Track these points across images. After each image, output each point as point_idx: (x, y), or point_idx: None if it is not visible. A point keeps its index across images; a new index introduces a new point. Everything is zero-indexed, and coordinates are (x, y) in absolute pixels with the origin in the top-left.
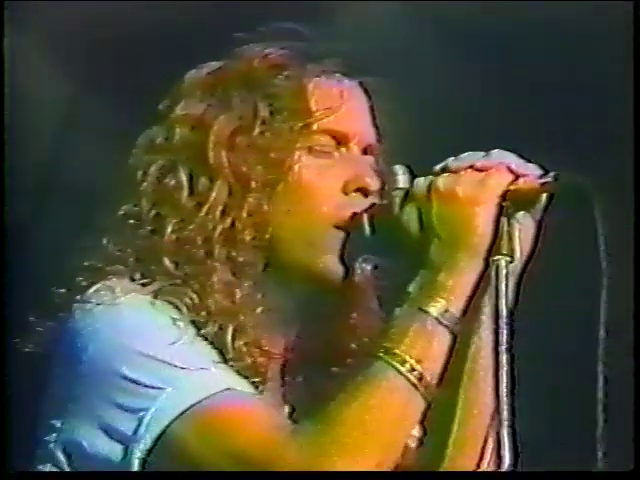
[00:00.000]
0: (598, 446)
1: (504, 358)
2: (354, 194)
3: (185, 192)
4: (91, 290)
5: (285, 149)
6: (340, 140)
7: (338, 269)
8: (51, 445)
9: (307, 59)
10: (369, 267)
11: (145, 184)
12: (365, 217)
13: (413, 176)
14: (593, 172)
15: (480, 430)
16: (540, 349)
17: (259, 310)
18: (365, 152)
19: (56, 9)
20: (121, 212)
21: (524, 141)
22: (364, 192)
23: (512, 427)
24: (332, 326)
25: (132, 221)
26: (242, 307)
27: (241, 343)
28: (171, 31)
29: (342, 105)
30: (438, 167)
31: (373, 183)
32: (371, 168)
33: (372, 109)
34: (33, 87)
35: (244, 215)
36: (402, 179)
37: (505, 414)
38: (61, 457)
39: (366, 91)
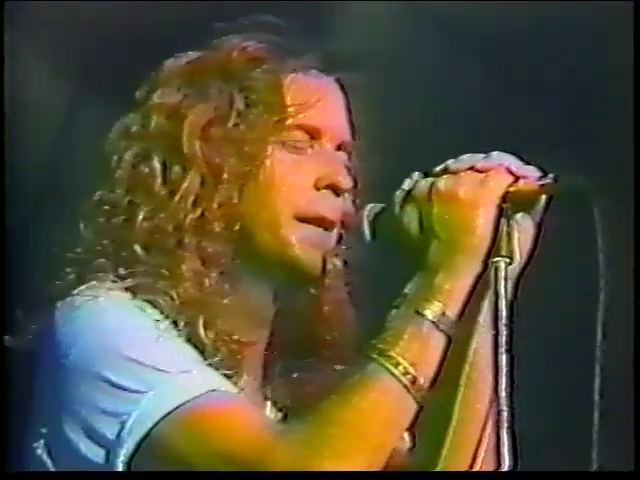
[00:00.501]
0: (598, 446)
1: (503, 359)
2: (325, 191)
3: (158, 180)
4: (74, 292)
5: (258, 142)
6: (313, 135)
7: (311, 259)
8: (38, 450)
9: (286, 54)
10: (339, 262)
11: (120, 171)
12: (366, 222)
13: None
14: (593, 173)
15: (475, 432)
16: (539, 350)
17: (227, 300)
18: (339, 148)
19: (56, 9)
20: (96, 197)
21: (524, 141)
22: (335, 190)
23: (512, 428)
24: (305, 318)
25: (107, 207)
26: (211, 296)
27: (213, 334)
28: (173, 31)
29: (317, 101)
30: (438, 169)
31: (345, 181)
32: (344, 166)
33: (349, 106)
34: (33, 87)
35: (215, 206)
36: (408, 182)
37: (505, 415)
38: (47, 460)
39: (343, 88)
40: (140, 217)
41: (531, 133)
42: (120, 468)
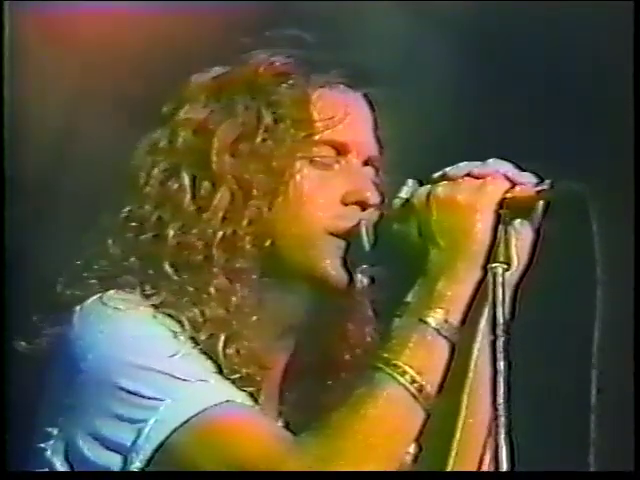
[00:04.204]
0: (597, 447)
1: (501, 365)
2: (353, 206)
3: (187, 196)
4: (93, 298)
5: (286, 158)
6: (340, 151)
7: (340, 274)
8: (47, 452)
9: (312, 69)
10: (366, 279)
11: (148, 187)
12: (364, 230)
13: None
14: (592, 177)
15: (480, 438)
16: (538, 355)
17: (254, 318)
18: (366, 164)
19: (56, 9)
20: (124, 213)
21: (524, 143)
22: (362, 205)
23: (509, 434)
24: (328, 336)
25: (134, 224)
26: (236, 315)
27: (232, 352)
28: (176, 33)
29: (345, 116)
30: (436, 175)
31: (372, 197)
32: (371, 181)
33: (375, 121)
34: (33, 87)
35: (245, 223)
36: (405, 190)
37: (503, 420)
38: (58, 464)
39: (370, 103)
40: (170, 234)
41: (531, 134)
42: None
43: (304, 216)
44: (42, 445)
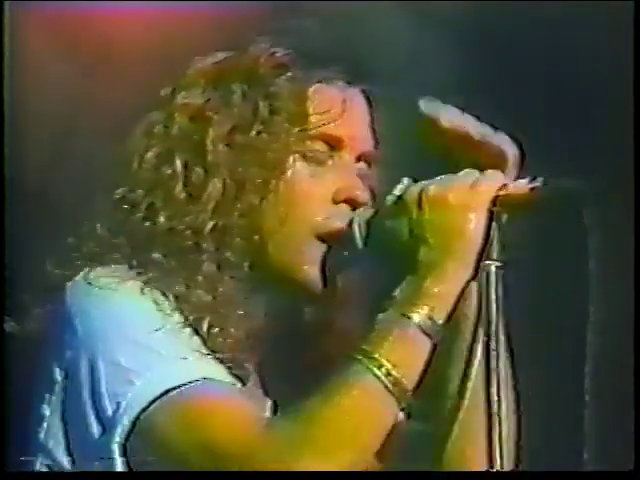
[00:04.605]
0: (597, 446)
1: (495, 363)
2: (342, 204)
3: (180, 183)
4: (82, 274)
5: (280, 152)
6: (334, 146)
7: (317, 281)
8: (41, 435)
9: (312, 63)
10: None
11: (141, 171)
12: (357, 227)
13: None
14: (592, 177)
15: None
16: (535, 354)
17: (240, 311)
18: (359, 159)
19: (56, 9)
20: (117, 195)
21: (524, 143)
22: (352, 203)
23: (500, 432)
24: (314, 333)
25: (126, 206)
26: (222, 303)
27: (216, 332)
28: (176, 32)
29: (341, 112)
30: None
31: (362, 196)
32: (363, 178)
33: (372, 118)
34: (33, 87)
35: (236, 215)
36: (399, 188)
37: (497, 419)
38: (51, 444)
39: (368, 99)
40: (161, 220)
41: (531, 134)
42: (116, 448)
43: (294, 215)
44: (37, 429)
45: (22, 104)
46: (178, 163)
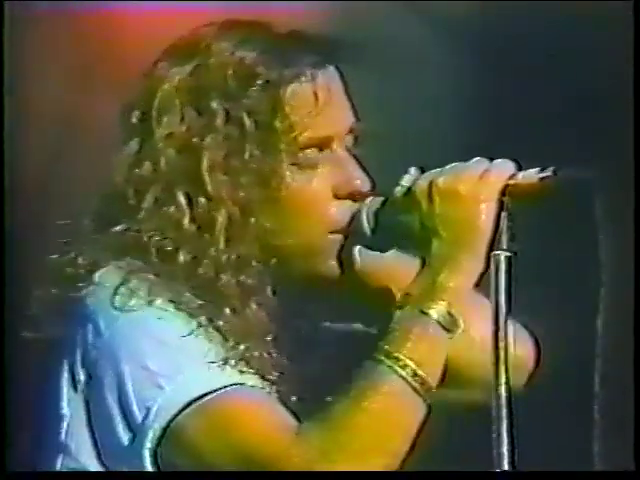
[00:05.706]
0: (598, 446)
1: (502, 354)
2: (346, 198)
3: (187, 217)
4: (104, 274)
5: (275, 168)
6: (323, 145)
7: (335, 271)
8: (61, 436)
9: (279, 61)
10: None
11: (143, 212)
12: (365, 216)
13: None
14: (594, 168)
15: None
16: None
17: (269, 337)
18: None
19: (56, 9)
20: (118, 229)
21: (524, 141)
22: (355, 195)
23: (511, 426)
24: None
25: (132, 243)
26: (250, 332)
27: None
28: (176, 32)
29: (320, 109)
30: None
31: (363, 184)
32: (358, 167)
33: (348, 94)
34: (33, 87)
35: (248, 241)
36: (407, 178)
37: (504, 412)
38: (73, 447)
39: (341, 74)
40: (181, 258)
41: (531, 134)
42: (147, 454)
43: (304, 225)
44: (57, 429)
45: (22, 104)
46: (181, 197)
